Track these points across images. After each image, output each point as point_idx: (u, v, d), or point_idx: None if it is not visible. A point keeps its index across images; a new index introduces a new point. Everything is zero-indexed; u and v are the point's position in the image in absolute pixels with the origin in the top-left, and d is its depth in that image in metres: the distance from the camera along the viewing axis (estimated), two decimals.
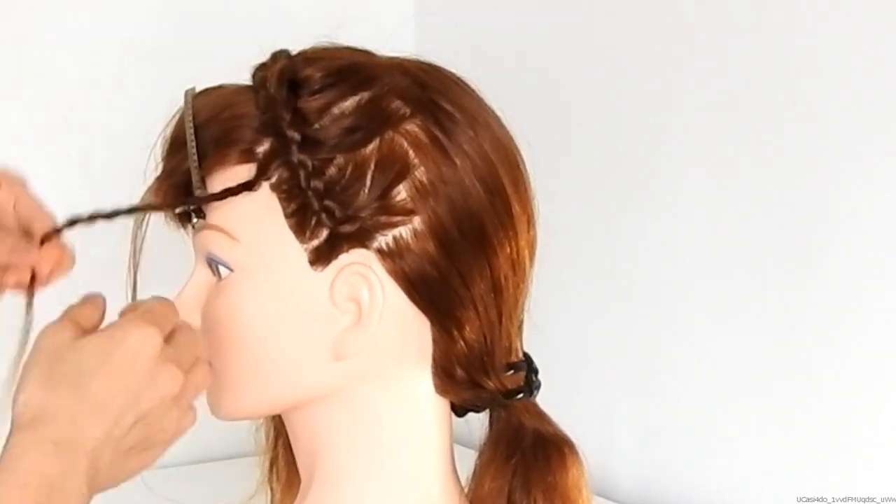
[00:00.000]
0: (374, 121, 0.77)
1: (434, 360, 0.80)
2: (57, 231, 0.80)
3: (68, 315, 0.76)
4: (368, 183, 0.76)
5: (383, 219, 0.76)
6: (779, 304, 1.31)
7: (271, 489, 0.93)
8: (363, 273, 0.77)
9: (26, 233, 0.80)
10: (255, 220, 0.77)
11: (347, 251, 0.77)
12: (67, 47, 1.60)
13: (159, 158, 0.82)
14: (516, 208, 0.80)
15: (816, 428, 1.28)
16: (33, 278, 0.80)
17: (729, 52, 1.35)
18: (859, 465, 1.24)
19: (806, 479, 1.29)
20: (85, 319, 0.76)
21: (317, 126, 0.77)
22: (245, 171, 0.78)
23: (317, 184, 0.76)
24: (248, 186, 0.77)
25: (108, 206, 0.81)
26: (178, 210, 0.80)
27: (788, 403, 1.31)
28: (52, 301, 0.79)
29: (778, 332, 1.31)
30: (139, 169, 0.83)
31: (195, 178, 0.78)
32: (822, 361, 1.27)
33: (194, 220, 0.80)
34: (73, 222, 0.80)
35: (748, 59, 1.33)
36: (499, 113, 0.82)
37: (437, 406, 0.82)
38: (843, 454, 1.26)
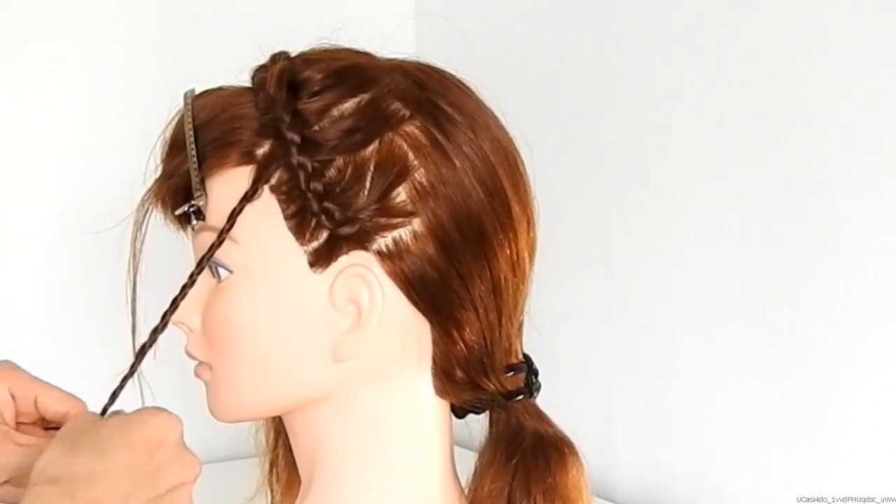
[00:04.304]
0: (373, 122, 0.77)
1: (434, 361, 0.80)
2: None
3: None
4: (368, 184, 0.76)
5: (383, 220, 0.76)
6: (779, 305, 1.31)
7: (271, 490, 0.93)
8: (363, 275, 0.77)
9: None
10: (254, 221, 0.77)
11: (347, 253, 0.77)
12: (68, 48, 1.60)
13: (159, 160, 0.82)
14: (516, 210, 0.80)
15: (817, 428, 1.28)
16: None
17: (728, 50, 1.35)
18: (859, 465, 1.24)
19: (806, 479, 1.29)
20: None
21: (316, 128, 0.77)
22: (244, 173, 0.78)
23: (316, 185, 0.76)
24: (249, 198, 0.77)
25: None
26: (177, 212, 0.80)
27: (788, 403, 1.31)
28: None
29: (778, 332, 1.31)
30: (139, 170, 0.83)
31: (194, 179, 0.78)
32: (823, 362, 1.27)
33: (194, 221, 0.80)
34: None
35: (748, 58, 1.33)
36: (498, 114, 0.82)
37: (437, 407, 0.82)
38: (844, 454, 1.26)
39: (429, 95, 0.79)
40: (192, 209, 0.79)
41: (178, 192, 0.80)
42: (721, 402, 1.39)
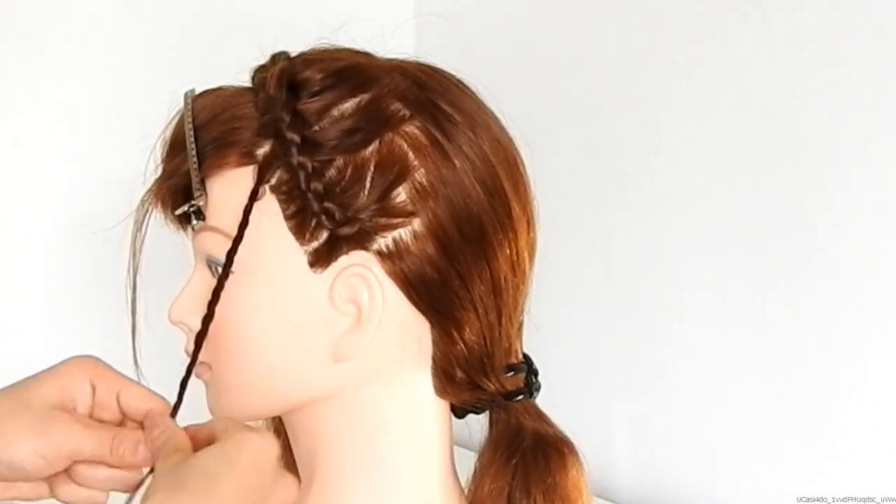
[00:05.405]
0: (373, 122, 0.77)
1: (434, 361, 0.80)
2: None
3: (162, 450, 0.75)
4: (368, 185, 0.76)
5: (383, 220, 0.76)
6: (779, 304, 1.31)
7: None
8: (363, 275, 0.77)
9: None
10: (254, 221, 0.77)
11: (347, 253, 0.77)
12: (68, 48, 1.60)
13: (159, 160, 0.82)
14: (516, 210, 0.80)
15: (817, 428, 1.28)
16: None
17: (728, 50, 1.35)
18: (859, 465, 1.24)
19: (806, 479, 1.29)
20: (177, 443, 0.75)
21: (316, 128, 0.77)
22: (245, 173, 0.78)
23: (316, 185, 0.76)
24: (255, 196, 0.77)
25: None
26: (177, 212, 0.80)
27: (788, 403, 1.31)
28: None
29: (778, 332, 1.31)
30: (139, 170, 0.83)
31: (194, 179, 0.78)
32: (822, 362, 1.27)
33: (194, 221, 0.80)
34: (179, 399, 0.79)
35: (747, 57, 1.33)
36: (498, 114, 0.82)
37: (437, 407, 0.82)
38: (844, 454, 1.26)
39: (429, 95, 0.79)
40: (192, 209, 0.79)
41: (178, 192, 0.80)
42: (721, 402, 1.39)
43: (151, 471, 0.75)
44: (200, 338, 0.78)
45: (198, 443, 0.75)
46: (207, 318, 0.78)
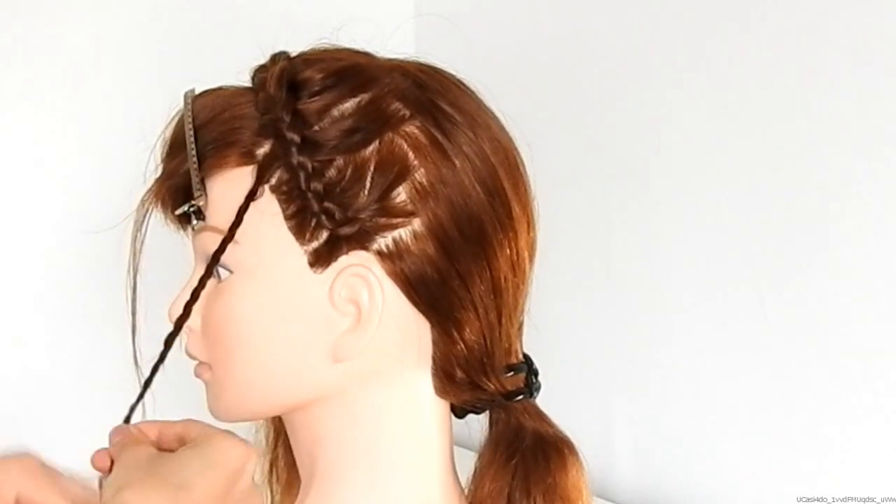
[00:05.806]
0: (373, 122, 0.77)
1: (434, 361, 0.80)
2: None
3: (121, 447, 0.74)
4: (368, 184, 0.76)
5: (383, 220, 0.76)
6: (778, 304, 1.31)
7: (271, 490, 0.93)
8: (363, 275, 0.77)
9: None
10: (254, 221, 0.77)
11: (347, 253, 0.77)
12: (68, 48, 1.60)
13: (159, 160, 0.82)
14: (516, 210, 0.80)
15: (817, 428, 1.28)
16: None
17: (727, 50, 1.35)
18: (859, 465, 1.24)
19: (806, 479, 1.29)
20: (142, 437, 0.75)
21: (316, 128, 0.77)
22: (245, 173, 0.78)
23: (316, 185, 0.76)
24: (252, 196, 0.77)
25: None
26: (177, 212, 0.80)
27: (788, 403, 1.31)
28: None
29: (778, 331, 1.31)
30: (139, 170, 0.83)
31: (194, 179, 0.78)
32: (822, 361, 1.27)
33: (194, 221, 0.80)
34: None
35: (747, 57, 1.33)
36: (498, 114, 0.82)
37: (437, 407, 0.82)
38: (844, 454, 1.26)
39: (429, 95, 0.79)
40: (192, 209, 0.79)
41: (178, 192, 0.80)
42: (721, 401, 1.39)
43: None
44: (171, 338, 0.78)
45: (166, 439, 0.75)
46: (181, 319, 0.78)
